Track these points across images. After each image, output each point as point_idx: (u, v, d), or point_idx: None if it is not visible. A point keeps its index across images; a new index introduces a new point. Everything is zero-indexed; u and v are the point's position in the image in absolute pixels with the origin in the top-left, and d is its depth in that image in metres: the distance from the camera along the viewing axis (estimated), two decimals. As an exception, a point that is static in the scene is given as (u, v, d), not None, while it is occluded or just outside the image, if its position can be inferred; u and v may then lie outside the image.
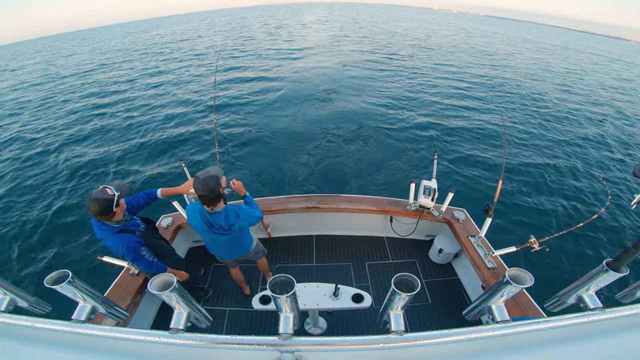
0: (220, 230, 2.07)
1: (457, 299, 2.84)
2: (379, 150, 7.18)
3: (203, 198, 1.87)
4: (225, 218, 2.04)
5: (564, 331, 0.75)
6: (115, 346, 0.78)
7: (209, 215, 2.02)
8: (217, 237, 2.10)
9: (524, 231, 4.76)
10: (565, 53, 30.50)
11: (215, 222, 2.04)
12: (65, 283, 0.81)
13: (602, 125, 9.59)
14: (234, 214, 2.06)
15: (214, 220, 2.03)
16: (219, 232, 2.08)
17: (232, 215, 2.06)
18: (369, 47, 22.18)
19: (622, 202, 5.61)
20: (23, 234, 5.02)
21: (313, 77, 13.39)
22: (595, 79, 17.49)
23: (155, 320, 2.69)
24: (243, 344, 0.73)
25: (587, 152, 7.61)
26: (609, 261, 0.89)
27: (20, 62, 28.42)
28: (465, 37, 35.37)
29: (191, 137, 8.08)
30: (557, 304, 1.01)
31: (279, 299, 0.78)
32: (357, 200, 3.17)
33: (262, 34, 31.85)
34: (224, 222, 2.04)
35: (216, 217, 2.02)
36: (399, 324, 0.82)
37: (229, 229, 2.07)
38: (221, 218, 2.03)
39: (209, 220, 2.04)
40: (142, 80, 14.76)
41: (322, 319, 2.62)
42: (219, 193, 1.90)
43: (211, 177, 1.86)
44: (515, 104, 11.04)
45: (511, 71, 17.10)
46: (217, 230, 2.07)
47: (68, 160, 7.25)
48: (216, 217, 2.02)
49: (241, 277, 2.80)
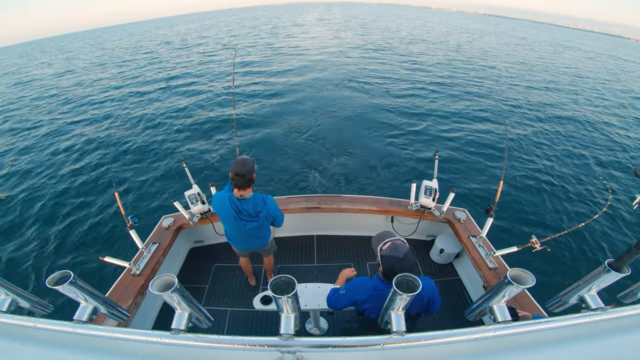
0: (247, 217, 2.14)
1: (459, 299, 2.83)
2: (378, 150, 7.19)
3: (238, 177, 1.96)
4: (254, 205, 2.12)
5: (566, 331, 0.75)
6: (116, 347, 0.79)
7: (238, 201, 2.09)
8: (243, 224, 2.16)
9: (526, 231, 4.75)
10: (565, 51, 30.48)
11: (243, 208, 2.11)
12: (67, 284, 0.81)
13: (603, 125, 9.57)
14: (262, 201, 2.14)
15: (242, 206, 2.10)
16: (246, 219, 2.14)
17: (260, 202, 2.14)
18: (371, 45, 22.30)
19: (623, 202, 5.59)
20: (23, 234, 5.04)
21: (317, 76, 13.45)
22: (594, 79, 17.44)
23: (157, 321, 2.69)
24: (244, 345, 0.73)
25: (588, 152, 7.59)
26: (610, 261, 0.88)
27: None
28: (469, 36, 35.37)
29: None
30: (558, 304, 1.01)
31: (280, 299, 0.78)
32: (358, 200, 3.17)
33: (266, 33, 32.19)
34: (251, 209, 2.12)
35: (245, 203, 2.10)
36: (400, 324, 0.82)
37: (257, 215, 2.14)
38: (249, 205, 2.11)
39: (238, 206, 2.10)
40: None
41: (323, 319, 2.62)
42: (252, 177, 2.01)
43: (249, 159, 2.03)
44: (517, 103, 11.04)
45: (511, 70, 17.09)
46: (245, 217, 2.13)
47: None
48: (245, 203, 2.10)
49: (250, 267, 2.88)
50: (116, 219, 5.13)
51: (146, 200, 5.69)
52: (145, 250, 2.59)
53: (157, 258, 2.58)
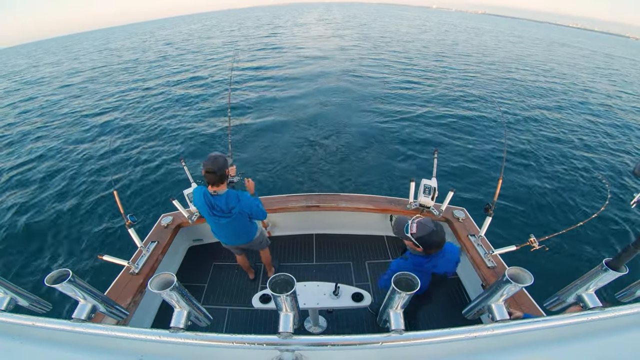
0: (220, 212, 2.16)
1: (457, 298, 2.84)
2: (379, 149, 7.19)
3: (209, 174, 1.98)
4: (226, 201, 2.13)
5: (564, 330, 0.75)
6: (115, 345, 0.78)
7: (212, 197, 2.11)
8: (217, 219, 2.18)
9: (524, 230, 4.76)
10: (565, 49, 30.49)
11: (216, 204, 2.13)
12: (65, 282, 0.81)
13: (603, 125, 9.58)
14: (235, 198, 2.15)
15: (215, 202, 2.13)
16: (219, 215, 2.16)
17: (233, 199, 2.15)
18: (369, 45, 22.29)
19: (621, 201, 5.61)
20: (21, 232, 5.03)
21: (316, 76, 13.45)
22: (595, 78, 17.45)
23: (156, 319, 2.69)
24: (243, 343, 0.73)
25: (587, 151, 7.60)
26: (608, 260, 0.88)
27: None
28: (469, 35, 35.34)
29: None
30: (556, 303, 1.01)
31: (279, 297, 0.78)
32: (357, 199, 3.17)
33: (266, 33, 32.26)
34: (224, 205, 2.13)
35: (217, 199, 2.12)
36: (398, 322, 0.82)
37: (229, 211, 2.16)
38: (222, 201, 2.13)
39: (211, 202, 2.13)
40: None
41: (322, 317, 2.62)
42: (224, 173, 2.03)
43: (221, 156, 2.02)
44: (514, 101, 11.04)
45: (511, 69, 17.07)
46: (218, 213, 2.16)
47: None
48: (217, 199, 2.12)
49: (247, 263, 2.92)
50: (115, 217, 5.13)
51: (145, 199, 5.68)
52: (144, 249, 2.59)
53: (156, 256, 2.58)
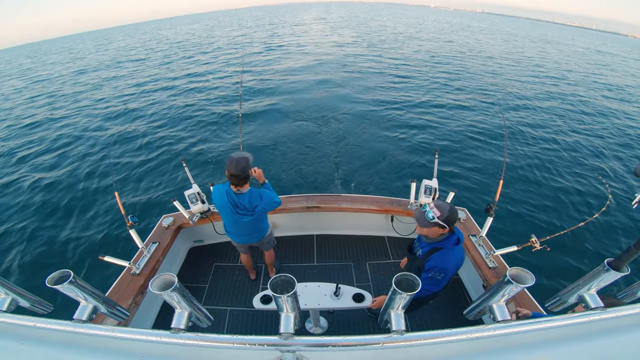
0: (244, 210, 2.19)
1: (458, 299, 2.84)
2: (378, 149, 7.19)
3: (234, 177, 2.02)
4: (250, 199, 2.17)
5: (565, 330, 0.75)
6: (116, 346, 0.78)
7: (235, 195, 2.14)
8: (239, 217, 2.21)
9: (525, 230, 4.75)
10: (564, 48, 30.46)
11: (240, 202, 2.16)
12: (66, 283, 0.81)
13: (603, 124, 9.56)
14: (258, 196, 2.19)
15: (239, 200, 2.15)
16: (242, 213, 2.20)
17: (256, 197, 2.18)
18: (369, 45, 22.32)
19: (622, 201, 5.59)
20: (23, 233, 5.03)
21: (317, 76, 13.46)
22: (595, 77, 17.41)
23: (157, 320, 2.69)
24: (244, 344, 0.73)
25: (587, 152, 7.59)
26: (610, 260, 0.88)
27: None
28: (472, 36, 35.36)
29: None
30: (558, 304, 1.01)
31: (280, 298, 0.78)
32: (358, 199, 3.17)
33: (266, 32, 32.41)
34: (247, 203, 2.17)
35: (241, 197, 2.15)
36: (399, 323, 0.82)
37: (252, 210, 2.19)
38: (246, 199, 2.16)
39: (235, 200, 2.15)
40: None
41: (323, 318, 2.62)
42: (248, 174, 2.06)
43: (244, 158, 2.04)
44: (516, 102, 11.02)
45: (512, 68, 17.05)
46: (241, 211, 2.19)
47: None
48: (241, 197, 2.15)
49: (250, 262, 2.93)
50: (116, 218, 5.13)
51: (146, 200, 5.68)
52: (145, 250, 2.60)
53: (157, 257, 2.59)
